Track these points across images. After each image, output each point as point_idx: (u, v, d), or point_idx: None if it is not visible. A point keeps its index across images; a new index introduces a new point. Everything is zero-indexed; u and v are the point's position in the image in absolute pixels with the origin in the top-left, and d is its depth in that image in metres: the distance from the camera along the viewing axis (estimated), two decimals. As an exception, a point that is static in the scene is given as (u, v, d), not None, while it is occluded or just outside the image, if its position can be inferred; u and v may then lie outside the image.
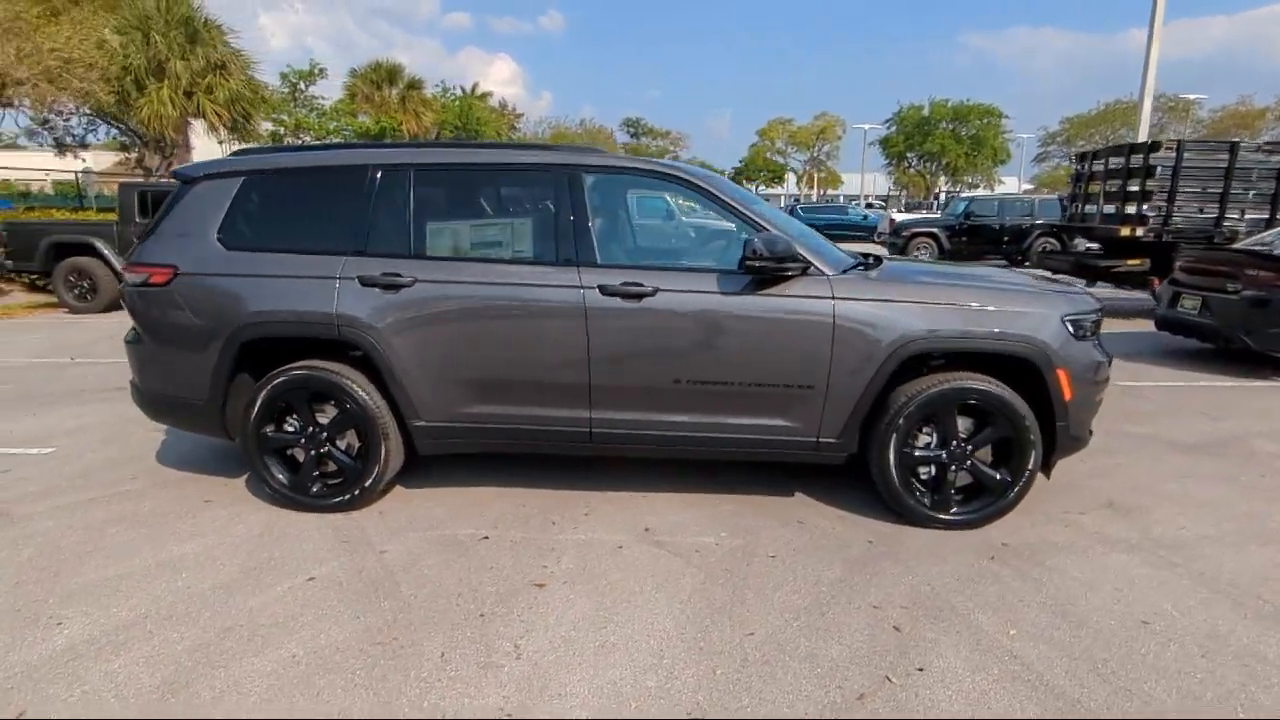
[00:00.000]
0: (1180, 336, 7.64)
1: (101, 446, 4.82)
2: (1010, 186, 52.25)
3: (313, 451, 3.74)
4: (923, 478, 3.64)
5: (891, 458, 3.53)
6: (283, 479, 3.77)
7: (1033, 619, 2.83)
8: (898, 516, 3.64)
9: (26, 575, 3.15)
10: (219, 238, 3.73)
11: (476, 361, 3.62)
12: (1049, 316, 3.50)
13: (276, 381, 3.64)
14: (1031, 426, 3.47)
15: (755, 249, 3.35)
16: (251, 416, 3.67)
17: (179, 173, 3.92)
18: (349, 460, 3.74)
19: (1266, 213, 9.53)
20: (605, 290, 3.50)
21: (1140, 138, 14.37)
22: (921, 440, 3.59)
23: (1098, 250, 10.89)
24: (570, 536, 3.54)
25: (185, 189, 3.84)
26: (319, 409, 3.74)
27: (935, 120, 49.69)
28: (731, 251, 3.63)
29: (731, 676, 2.49)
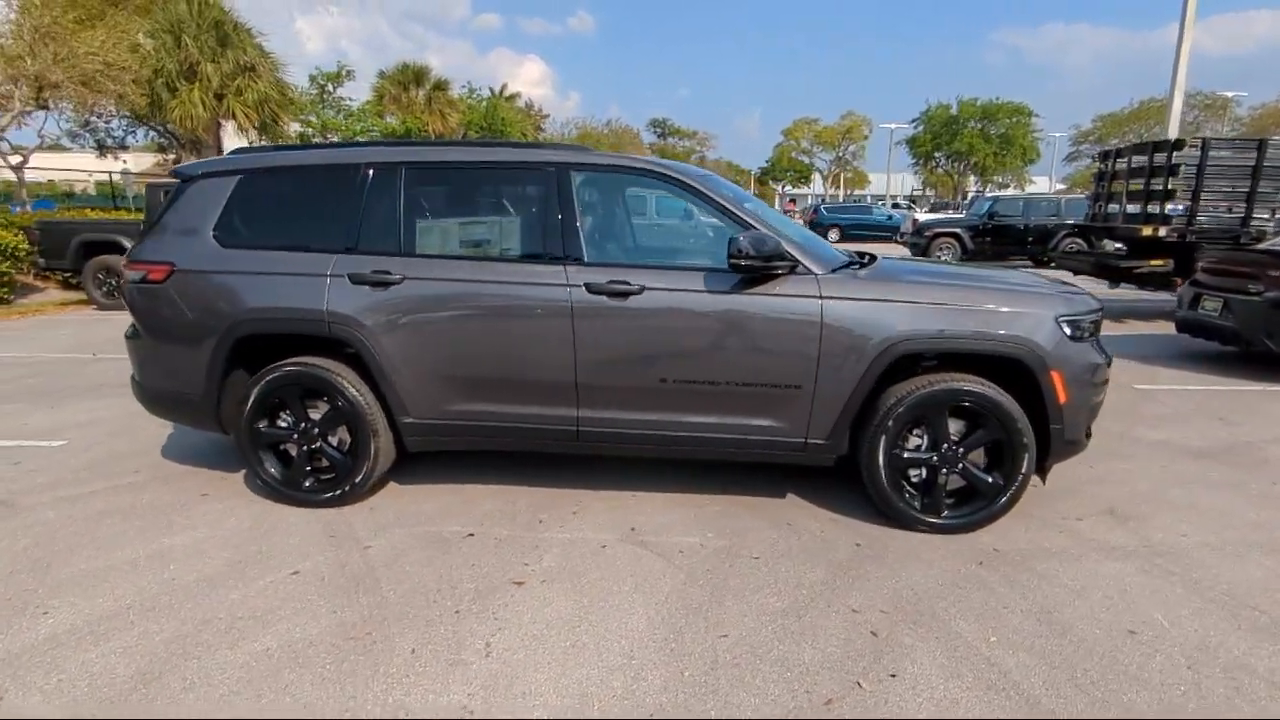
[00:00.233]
0: (1201, 339, 7.42)
1: (110, 440, 4.93)
2: (1041, 186, 51.42)
3: (305, 447, 3.79)
4: (913, 480, 3.58)
5: (881, 459, 3.48)
6: (275, 473, 3.82)
7: (1015, 626, 2.77)
8: (888, 520, 3.59)
9: (21, 564, 3.22)
10: (215, 235, 3.79)
11: (464, 359, 3.63)
12: (1043, 316, 3.42)
13: (269, 378, 3.69)
14: (1025, 429, 3.39)
15: (740, 247, 3.31)
16: (245, 412, 3.73)
17: (178, 171, 3.99)
18: (340, 456, 3.78)
19: (1297, 212, 9.24)
20: (591, 288, 3.49)
21: (1170, 135, 13.99)
22: (912, 442, 3.54)
23: (1121, 251, 10.63)
24: (555, 535, 3.53)
25: (184, 187, 3.91)
26: (311, 405, 3.79)
27: (963, 119, 49.00)
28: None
29: (699, 679, 2.47)
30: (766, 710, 2.33)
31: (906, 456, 3.50)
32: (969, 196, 41.71)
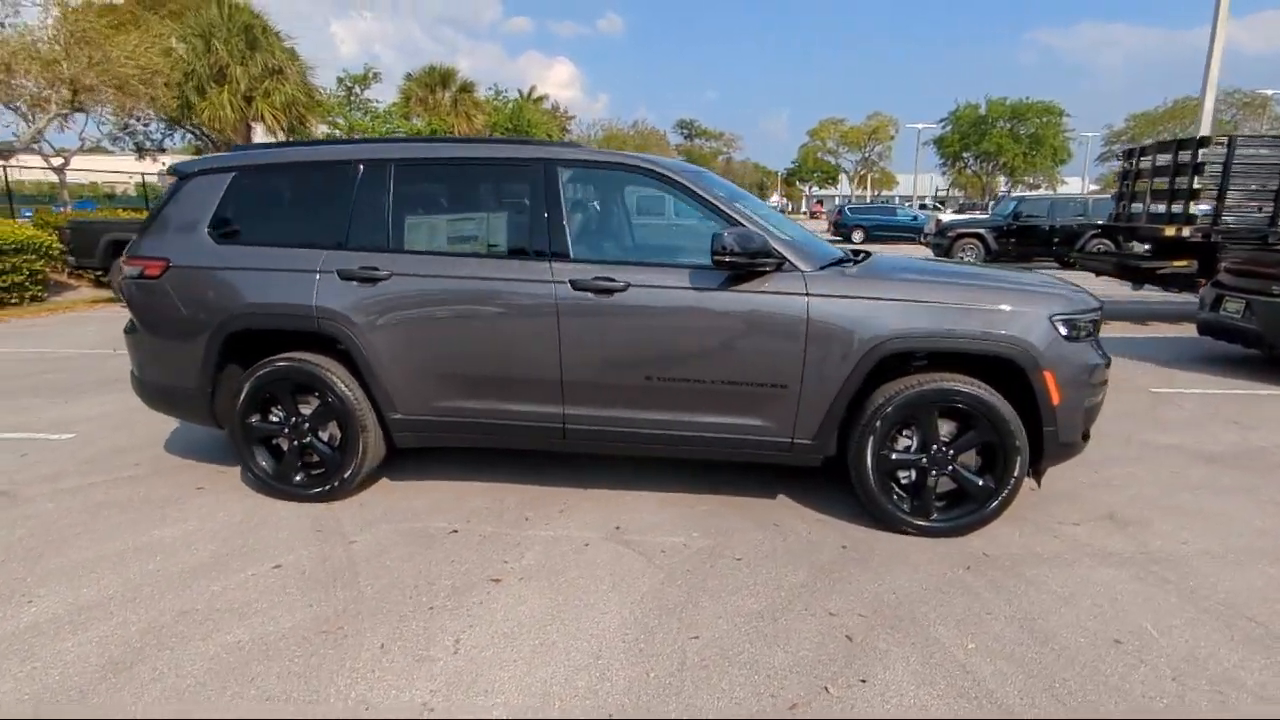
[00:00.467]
0: (1224, 342, 7.20)
1: (114, 433, 5.02)
2: (1074, 187, 50.37)
3: (295, 442, 3.82)
4: (902, 482, 3.51)
5: (869, 460, 3.41)
6: (267, 468, 3.86)
7: (996, 633, 2.69)
8: (876, 522, 3.52)
9: (14, 554, 3.28)
10: (209, 231, 3.83)
11: (450, 355, 3.63)
12: (1037, 315, 3.33)
13: (261, 373, 3.73)
14: (1017, 431, 3.30)
15: (724, 244, 3.27)
16: (238, 406, 3.77)
17: (175, 168, 4.05)
18: (330, 451, 3.81)
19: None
20: (576, 285, 3.47)
21: (1202, 134, 13.61)
22: (901, 443, 3.47)
23: (1144, 251, 10.36)
24: (539, 533, 3.52)
25: (181, 183, 3.96)
26: (302, 401, 3.82)
27: (992, 119, 48.22)
28: None
29: (664, 680, 2.43)
30: (729, 713, 2.29)
31: (895, 458, 3.43)
32: (997, 197, 41.10)
